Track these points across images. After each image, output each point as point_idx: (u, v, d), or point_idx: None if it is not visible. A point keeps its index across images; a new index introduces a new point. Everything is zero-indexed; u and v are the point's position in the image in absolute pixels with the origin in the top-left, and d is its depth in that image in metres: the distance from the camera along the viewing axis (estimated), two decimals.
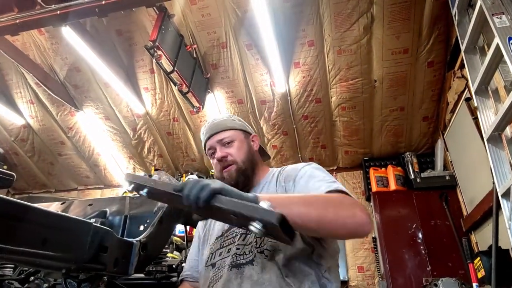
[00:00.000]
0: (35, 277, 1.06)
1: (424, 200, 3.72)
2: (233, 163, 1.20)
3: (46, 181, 5.68)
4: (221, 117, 1.33)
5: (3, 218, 0.63)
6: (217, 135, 1.25)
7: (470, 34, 2.31)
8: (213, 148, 1.24)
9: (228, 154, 1.21)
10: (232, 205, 0.72)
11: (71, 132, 4.94)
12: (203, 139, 1.30)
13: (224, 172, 1.20)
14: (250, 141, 1.30)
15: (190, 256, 1.27)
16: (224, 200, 0.74)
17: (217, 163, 1.22)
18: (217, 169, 1.23)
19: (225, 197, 0.75)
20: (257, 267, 0.98)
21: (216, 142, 1.24)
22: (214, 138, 1.25)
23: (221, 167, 1.21)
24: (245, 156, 1.23)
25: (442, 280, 2.48)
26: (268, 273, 0.96)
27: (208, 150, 1.27)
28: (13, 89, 4.63)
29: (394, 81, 3.70)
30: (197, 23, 3.59)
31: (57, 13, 2.96)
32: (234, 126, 1.29)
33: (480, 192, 2.93)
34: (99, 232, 0.83)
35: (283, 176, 1.16)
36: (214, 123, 1.29)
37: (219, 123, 1.29)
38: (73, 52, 3.93)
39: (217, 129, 1.26)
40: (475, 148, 2.96)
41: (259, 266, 0.98)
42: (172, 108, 4.43)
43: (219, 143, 1.23)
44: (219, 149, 1.22)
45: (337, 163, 4.66)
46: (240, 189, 1.10)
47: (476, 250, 3.05)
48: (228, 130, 1.26)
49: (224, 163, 1.20)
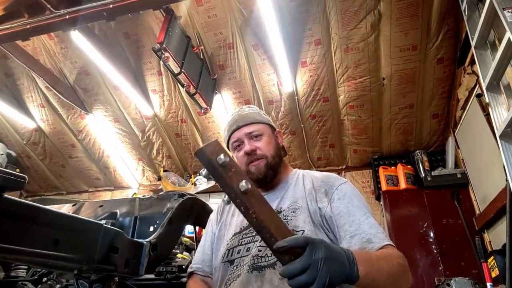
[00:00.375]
0: (48, 278, 1.08)
1: (435, 198, 3.67)
2: (262, 157, 1.17)
3: (57, 183, 5.76)
4: (248, 110, 1.28)
5: (16, 220, 0.64)
6: (245, 128, 1.20)
7: (481, 29, 2.27)
8: (240, 140, 1.20)
9: (257, 148, 1.18)
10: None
11: (81, 134, 5.01)
12: (228, 130, 1.24)
13: (251, 166, 1.17)
14: (275, 136, 1.28)
15: (202, 250, 1.24)
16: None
17: (243, 156, 1.18)
18: (242, 161, 1.18)
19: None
20: (279, 272, 0.97)
21: (244, 134, 1.19)
22: (242, 130, 1.20)
23: (248, 160, 1.17)
24: (274, 151, 1.20)
25: (455, 279, 2.43)
26: None
27: (234, 142, 1.21)
28: (25, 93, 4.71)
29: (403, 79, 3.65)
30: (203, 24, 3.61)
31: (66, 18, 3.01)
32: (263, 120, 1.26)
33: (493, 190, 2.87)
34: (109, 233, 0.84)
35: (312, 183, 1.15)
36: (241, 115, 1.24)
37: (247, 115, 1.24)
38: (82, 56, 3.99)
39: (245, 121, 1.21)
40: (487, 145, 2.91)
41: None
42: (180, 110, 4.46)
43: (247, 136, 1.19)
44: (247, 142, 1.18)
45: (346, 162, 4.62)
46: (267, 183, 1.13)
47: (490, 249, 3.00)
48: (257, 123, 1.23)
49: (253, 157, 1.17)
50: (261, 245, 1.04)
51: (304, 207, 1.10)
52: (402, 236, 3.55)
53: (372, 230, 0.98)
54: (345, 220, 1.02)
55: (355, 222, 1.01)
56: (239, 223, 1.18)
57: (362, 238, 0.97)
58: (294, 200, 1.14)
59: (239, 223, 1.18)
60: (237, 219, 1.20)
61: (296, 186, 1.19)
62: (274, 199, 1.17)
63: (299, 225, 1.06)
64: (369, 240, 0.96)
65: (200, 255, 1.23)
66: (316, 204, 1.09)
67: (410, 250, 3.44)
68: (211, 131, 4.67)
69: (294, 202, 1.13)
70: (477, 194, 3.43)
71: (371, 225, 1.00)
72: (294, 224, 1.06)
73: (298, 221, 1.07)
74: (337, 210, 1.05)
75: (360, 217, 1.02)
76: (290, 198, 1.16)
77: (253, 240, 1.08)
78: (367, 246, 0.95)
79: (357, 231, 0.99)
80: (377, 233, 0.98)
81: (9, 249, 0.62)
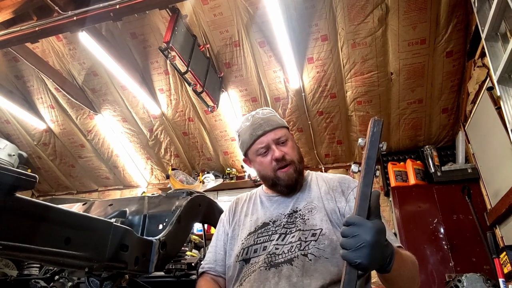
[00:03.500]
0: (59, 276, 1.09)
1: (445, 194, 3.62)
2: (291, 163, 1.17)
3: (68, 183, 5.85)
4: (267, 112, 1.26)
5: (28, 219, 0.65)
6: (272, 133, 1.19)
7: (491, 21, 2.22)
8: (267, 146, 1.18)
9: (285, 153, 1.18)
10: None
11: (90, 135, 5.07)
12: (252, 135, 1.20)
13: (280, 172, 1.17)
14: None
15: (214, 250, 1.24)
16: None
17: (271, 162, 1.18)
18: (269, 168, 1.18)
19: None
20: (297, 269, 0.97)
21: (271, 140, 1.18)
22: (269, 136, 1.19)
23: (277, 166, 1.17)
24: (299, 155, 1.22)
25: (466, 276, 2.40)
26: (309, 278, 0.95)
27: (260, 148, 1.19)
28: (35, 94, 4.78)
29: (412, 73, 3.61)
30: (209, 22, 3.61)
31: (73, 19, 3.04)
32: (284, 124, 1.26)
33: (505, 185, 2.82)
34: (119, 231, 0.85)
35: (327, 184, 1.18)
36: (264, 119, 1.22)
37: (270, 119, 1.23)
38: (90, 56, 4.03)
39: (270, 126, 1.20)
40: (499, 139, 2.85)
41: (299, 268, 0.97)
42: (187, 108, 4.47)
43: (274, 141, 1.19)
44: (275, 147, 1.17)
45: (354, 159, 4.59)
46: (296, 188, 1.18)
47: (502, 244, 2.95)
48: (282, 128, 1.23)
49: (282, 163, 1.17)
50: (278, 244, 1.05)
51: (320, 206, 1.12)
52: (412, 233, 3.52)
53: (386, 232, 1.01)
54: None
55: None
56: (253, 222, 1.18)
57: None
58: (309, 201, 1.16)
59: (253, 222, 1.18)
60: (251, 218, 1.20)
61: (310, 187, 1.21)
62: (290, 201, 1.18)
63: (316, 223, 1.07)
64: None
65: (212, 255, 1.23)
66: (335, 203, 1.11)
67: (420, 246, 3.41)
68: (218, 129, 4.68)
69: (309, 202, 1.15)
70: (489, 189, 3.38)
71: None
72: (312, 223, 1.07)
73: (316, 220, 1.08)
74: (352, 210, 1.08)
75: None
76: (305, 198, 1.18)
77: (269, 239, 1.08)
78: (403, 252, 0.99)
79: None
80: (389, 235, 1.00)
81: (21, 248, 0.63)
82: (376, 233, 0.77)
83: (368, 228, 0.77)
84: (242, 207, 1.29)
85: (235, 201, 1.36)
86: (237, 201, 1.35)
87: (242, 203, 1.32)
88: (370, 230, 0.76)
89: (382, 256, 0.79)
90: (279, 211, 1.16)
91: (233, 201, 1.37)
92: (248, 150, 1.24)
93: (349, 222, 0.80)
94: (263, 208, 1.22)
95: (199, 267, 1.24)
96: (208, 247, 1.29)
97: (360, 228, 0.77)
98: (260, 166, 1.22)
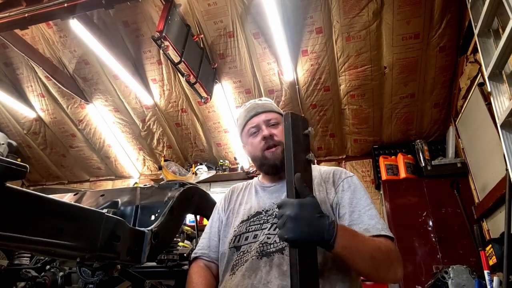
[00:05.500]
0: (51, 266, 1.09)
1: (434, 188, 3.69)
2: (279, 145, 1.20)
3: (59, 173, 5.79)
4: (264, 100, 1.33)
5: (19, 209, 0.64)
6: (264, 114, 1.25)
7: (484, 17, 2.23)
8: (258, 126, 1.24)
9: (274, 134, 1.21)
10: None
11: (81, 124, 5.01)
12: (245, 116, 1.28)
13: (267, 152, 1.21)
14: None
15: (208, 236, 1.26)
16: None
17: (260, 142, 1.22)
18: (258, 147, 1.22)
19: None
20: (287, 258, 0.98)
21: (262, 121, 1.24)
22: (261, 117, 1.24)
23: (265, 146, 1.21)
24: None
25: (452, 267, 2.45)
26: None
27: (251, 128, 1.25)
28: (24, 83, 4.69)
29: (405, 67, 3.63)
30: (203, 12, 3.56)
31: (64, 6, 2.97)
32: (278, 110, 1.31)
33: (493, 179, 2.88)
34: (111, 221, 0.85)
35: (320, 175, 1.19)
36: (259, 104, 1.29)
37: (264, 104, 1.30)
38: (81, 44, 3.96)
39: (264, 108, 1.27)
40: (488, 134, 2.90)
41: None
42: (180, 99, 4.44)
43: (265, 122, 1.23)
44: (265, 127, 1.22)
45: (346, 152, 4.63)
46: (281, 171, 1.17)
47: (488, 237, 3.02)
48: (274, 112, 1.28)
49: (270, 143, 1.20)
50: (270, 233, 1.06)
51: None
52: (401, 225, 3.58)
53: (371, 221, 1.02)
54: (346, 209, 1.06)
55: (355, 212, 1.05)
56: (246, 211, 1.20)
57: (360, 228, 1.00)
58: None
59: (247, 211, 1.19)
60: (245, 207, 1.22)
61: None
62: (282, 190, 1.19)
63: None
64: (366, 229, 1.00)
65: (206, 241, 1.25)
66: (325, 194, 1.12)
67: (409, 238, 3.48)
68: (212, 121, 4.66)
69: None
70: (477, 183, 3.45)
71: (371, 216, 1.03)
72: None
73: None
74: (341, 200, 1.09)
75: (362, 209, 1.05)
76: None
77: (260, 228, 1.10)
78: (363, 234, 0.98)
79: (356, 220, 1.03)
80: (376, 224, 1.01)
81: (12, 237, 0.62)
82: (298, 207, 0.82)
83: (291, 205, 0.83)
84: (237, 196, 1.32)
85: (231, 190, 1.38)
86: (233, 190, 1.38)
87: (238, 192, 1.34)
88: (293, 206, 0.82)
89: (314, 230, 0.81)
90: (272, 200, 1.18)
91: (229, 189, 1.40)
92: (242, 132, 1.31)
93: (278, 205, 0.86)
94: (257, 197, 1.24)
95: (192, 253, 1.25)
96: (200, 238, 1.30)
97: (285, 207, 0.84)
98: (250, 147, 1.26)
